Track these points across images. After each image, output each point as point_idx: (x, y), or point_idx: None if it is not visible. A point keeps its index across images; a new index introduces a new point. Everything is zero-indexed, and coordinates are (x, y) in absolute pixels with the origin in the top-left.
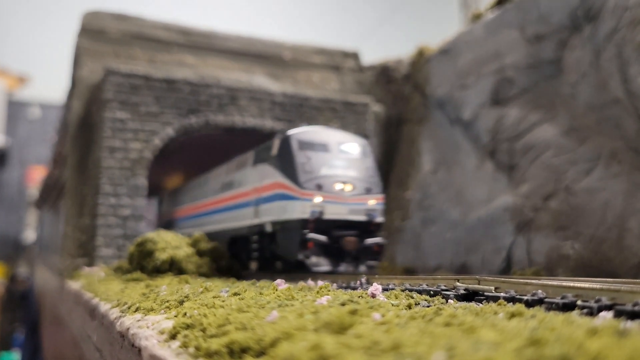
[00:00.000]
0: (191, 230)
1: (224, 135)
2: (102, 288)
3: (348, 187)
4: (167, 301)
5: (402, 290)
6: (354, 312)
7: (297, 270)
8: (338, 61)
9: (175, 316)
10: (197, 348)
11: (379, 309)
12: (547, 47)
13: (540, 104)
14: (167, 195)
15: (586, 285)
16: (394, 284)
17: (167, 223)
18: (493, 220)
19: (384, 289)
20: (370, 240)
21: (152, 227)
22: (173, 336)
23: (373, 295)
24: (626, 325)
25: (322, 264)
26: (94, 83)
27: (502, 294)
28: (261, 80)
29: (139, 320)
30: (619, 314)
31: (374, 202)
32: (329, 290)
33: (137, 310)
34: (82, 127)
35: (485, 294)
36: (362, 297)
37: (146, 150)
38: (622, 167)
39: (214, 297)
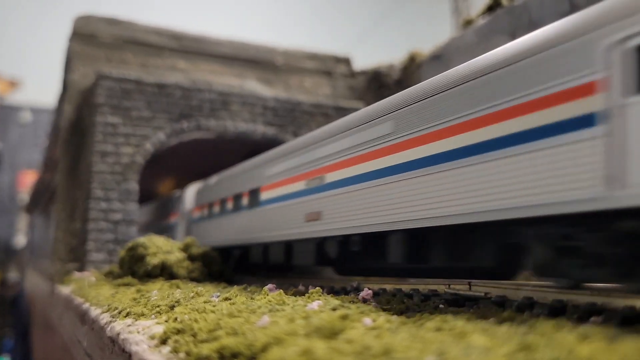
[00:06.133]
0: None
1: (216, 140)
2: (93, 293)
3: None
4: (158, 306)
5: (394, 295)
6: (345, 317)
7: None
8: (330, 66)
9: (166, 321)
10: (188, 353)
11: (370, 314)
12: None
13: None
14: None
15: (577, 289)
16: (386, 289)
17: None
18: None
19: (376, 294)
20: None
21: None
22: (164, 341)
23: (364, 300)
24: (617, 330)
25: None
26: (85, 87)
27: (492, 299)
28: (253, 85)
29: (129, 326)
30: (609, 319)
31: None
32: (320, 295)
33: (127, 315)
34: (74, 131)
35: (476, 298)
36: (353, 301)
37: (138, 155)
38: None
39: (205, 302)
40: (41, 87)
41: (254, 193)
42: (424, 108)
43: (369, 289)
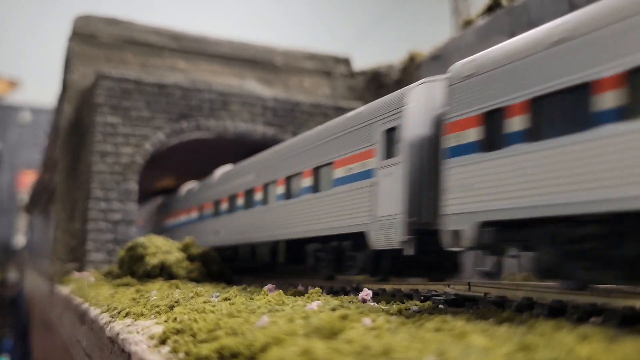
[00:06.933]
0: None
1: (215, 139)
2: (92, 293)
3: None
4: (158, 306)
5: (393, 295)
6: (344, 317)
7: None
8: (329, 66)
9: (166, 321)
10: (187, 353)
11: (369, 314)
12: None
13: None
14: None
15: (576, 290)
16: (385, 289)
17: None
18: None
19: (375, 294)
20: None
21: None
22: (163, 341)
23: (364, 301)
24: (616, 330)
25: None
26: (85, 87)
27: (492, 299)
28: (253, 85)
29: (129, 326)
30: (609, 319)
31: None
32: (320, 295)
33: (127, 315)
34: (73, 131)
35: (476, 299)
36: (352, 302)
37: (137, 155)
38: None
39: (204, 302)
40: (41, 87)
41: None
42: None
43: (369, 289)
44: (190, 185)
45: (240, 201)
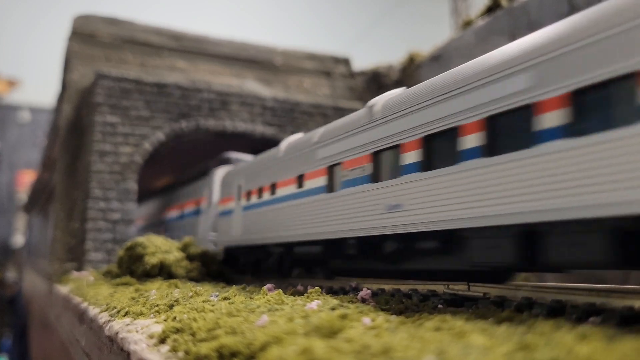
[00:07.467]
0: None
1: (215, 139)
2: (91, 292)
3: None
4: (157, 305)
5: (392, 295)
6: (344, 317)
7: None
8: (329, 67)
9: (165, 320)
10: (187, 352)
11: (369, 314)
12: None
13: None
14: None
15: (576, 290)
16: (384, 289)
17: None
18: None
19: (374, 294)
20: None
21: None
22: (162, 340)
23: (363, 300)
24: (615, 330)
25: None
26: (84, 87)
27: (491, 299)
28: (252, 85)
29: (128, 325)
30: (608, 319)
31: None
32: (319, 295)
33: (126, 314)
34: (72, 131)
35: (475, 299)
36: (352, 301)
37: (136, 155)
38: None
39: (203, 301)
40: (40, 87)
41: None
42: None
43: (368, 289)
44: (297, 137)
45: (472, 140)
